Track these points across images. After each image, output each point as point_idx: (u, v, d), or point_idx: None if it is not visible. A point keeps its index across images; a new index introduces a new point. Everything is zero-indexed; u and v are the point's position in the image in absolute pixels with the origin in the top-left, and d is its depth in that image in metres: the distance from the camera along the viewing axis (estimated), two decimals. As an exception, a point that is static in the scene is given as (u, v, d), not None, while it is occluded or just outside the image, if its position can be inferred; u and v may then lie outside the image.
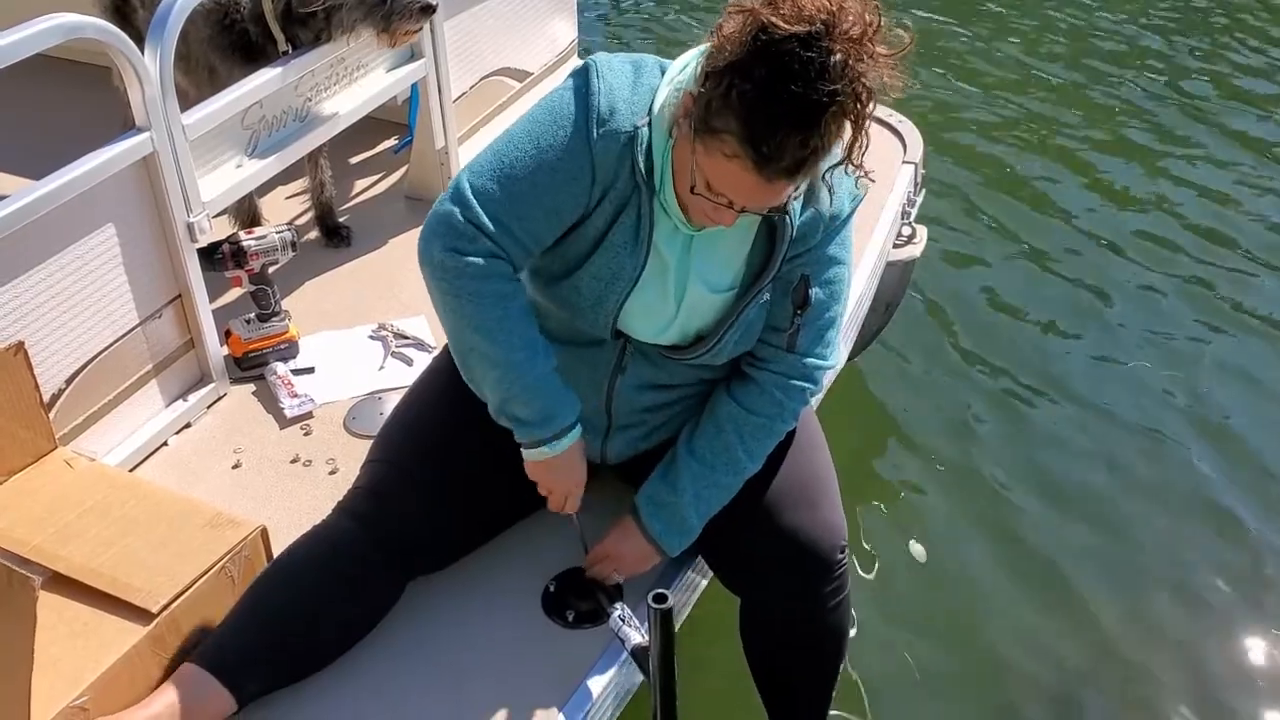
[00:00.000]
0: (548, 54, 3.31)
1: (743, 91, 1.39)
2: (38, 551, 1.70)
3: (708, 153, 1.47)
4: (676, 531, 1.80)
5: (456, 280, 1.60)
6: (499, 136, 1.65)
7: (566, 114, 1.60)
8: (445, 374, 1.92)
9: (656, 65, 1.64)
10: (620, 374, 1.80)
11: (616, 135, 1.59)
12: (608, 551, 1.85)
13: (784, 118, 1.39)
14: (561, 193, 1.61)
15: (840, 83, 1.37)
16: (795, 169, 1.44)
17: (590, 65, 1.61)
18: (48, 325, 1.99)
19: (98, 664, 1.57)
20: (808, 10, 1.37)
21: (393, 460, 1.85)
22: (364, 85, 2.66)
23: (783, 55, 1.37)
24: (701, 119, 1.45)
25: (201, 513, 1.80)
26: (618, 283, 1.68)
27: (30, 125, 3.12)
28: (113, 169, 2.02)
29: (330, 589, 1.74)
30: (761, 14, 1.39)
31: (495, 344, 1.63)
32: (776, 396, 1.77)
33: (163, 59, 2.08)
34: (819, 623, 1.84)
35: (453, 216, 1.60)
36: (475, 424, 1.77)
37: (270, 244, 2.41)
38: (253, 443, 2.26)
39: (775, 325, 1.75)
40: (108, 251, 2.07)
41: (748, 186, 1.48)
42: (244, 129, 2.35)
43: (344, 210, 3.00)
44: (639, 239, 1.65)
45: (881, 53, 1.41)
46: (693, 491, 1.78)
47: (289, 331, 2.46)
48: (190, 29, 2.43)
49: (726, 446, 1.77)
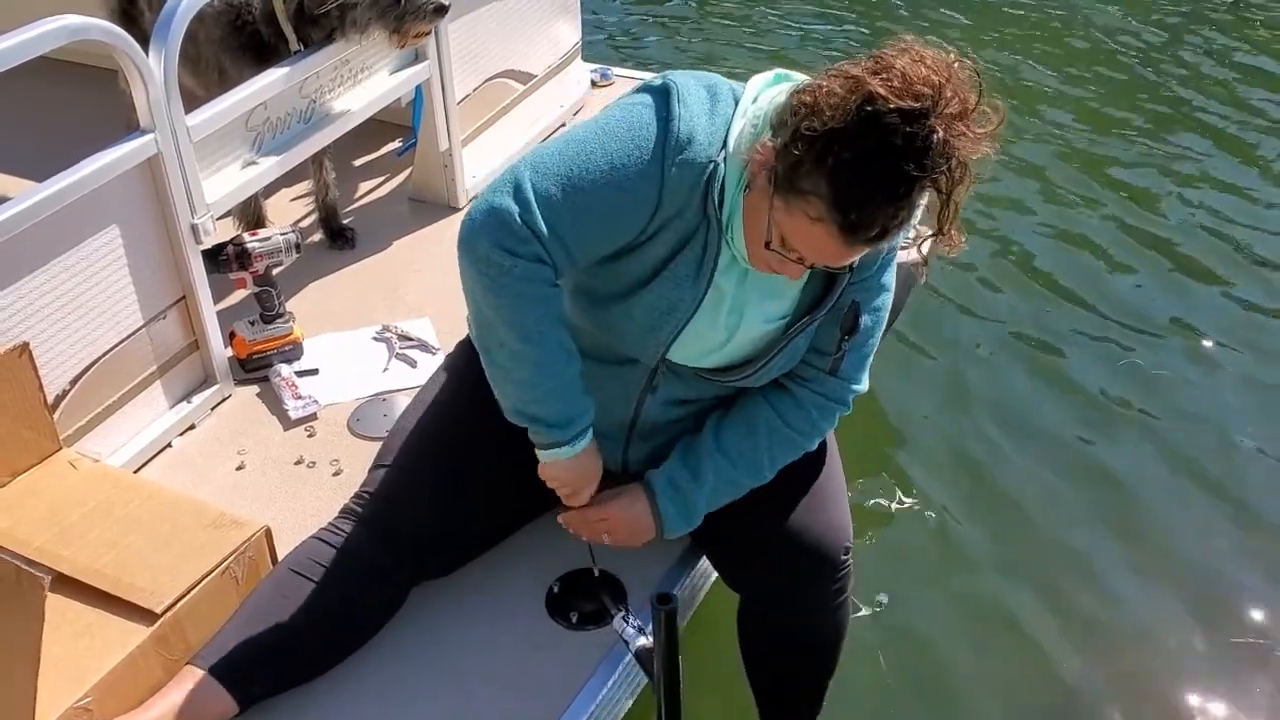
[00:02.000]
0: (551, 56, 3.31)
1: (841, 160, 1.39)
2: (41, 552, 1.70)
3: (789, 211, 1.47)
4: (684, 517, 1.79)
5: (500, 278, 1.56)
6: (565, 138, 1.60)
7: (645, 135, 1.55)
8: (457, 377, 1.92)
9: (729, 92, 1.60)
10: (651, 393, 1.79)
11: (691, 165, 1.55)
12: (607, 514, 1.81)
13: (878, 190, 1.40)
14: (624, 213, 1.58)
15: (938, 160, 1.38)
16: (880, 237, 1.45)
17: (671, 88, 1.57)
18: (52, 326, 1.99)
19: (101, 665, 1.57)
20: (915, 85, 1.37)
21: (404, 464, 1.84)
22: (368, 87, 2.66)
23: (886, 129, 1.36)
24: (787, 178, 1.44)
25: (205, 513, 1.80)
26: (674, 314, 1.66)
27: (35, 127, 3.14)
28: (117, 170, 2.03)
29: (337, 593, 1.74)
30: (869, 84, 1.38)
31: (529, 344, 1.60)
32: (813, 416, 1.78)
33: (167, 61, 2.08)
34: (819, 622, 1.84)
35: (509, 214, 1.53)
36: (490, 427, 1.76)
37: (274, 246, 2.41)
38: (257, 444, 2.26)
39: (821, 349, 1.76)
40: (112, 253, 2.07)
41: (826, 248, 1.49)
42: (248, 130, 2.35)
43: (348, 212, 3.01)
44: (701, 273, 1.63)
45: (979, 132, 1.42)
46: (712, 484, 1.77)
47: (293, 333, 2.46)
48: (200, 30, 2.45)
49: (754, 449, 1.77)
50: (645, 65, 4.71)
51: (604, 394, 1.73)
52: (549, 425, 1.67)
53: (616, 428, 1.82)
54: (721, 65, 5.17)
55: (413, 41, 2.54)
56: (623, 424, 1.83)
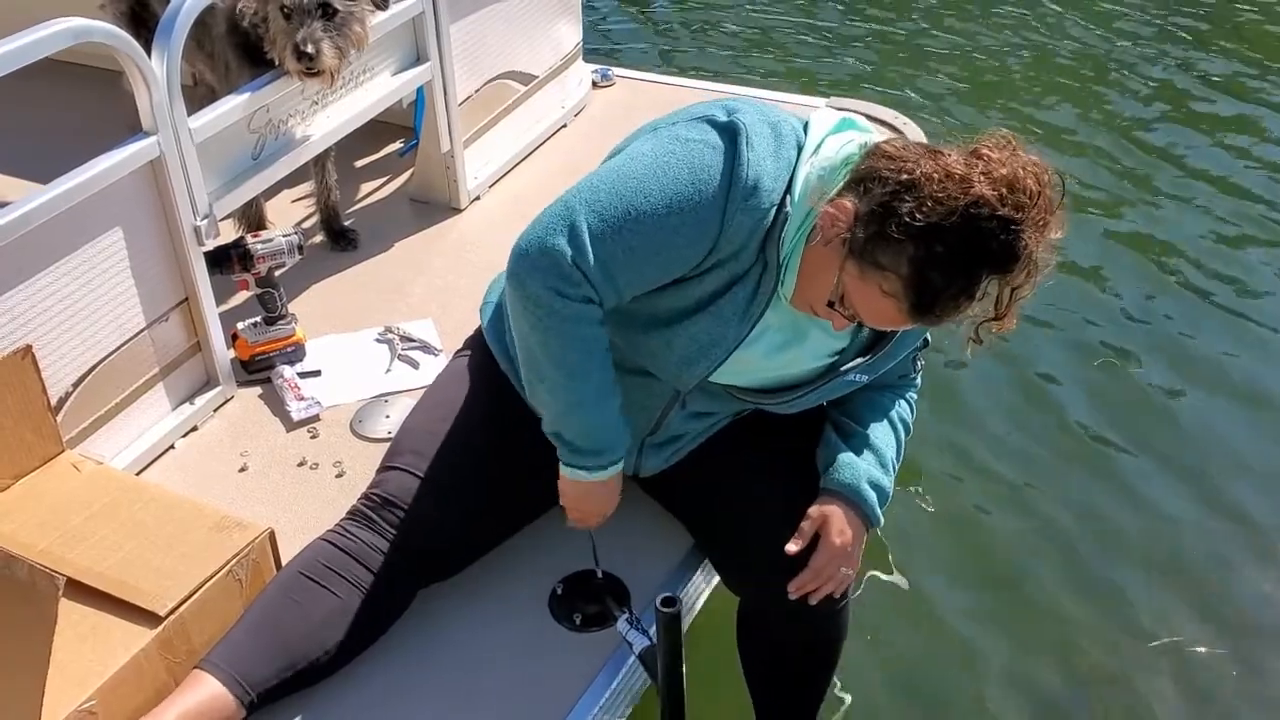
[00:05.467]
0: (553, 57, 3.31)
1: (933, 252, 1.41)
2: (45, 555, 1.69)
3: (862, 279, 1.48)
4: (885, 502, 1.79)
5: (548, 318, 1.55)
6: (621, 172, 1.56)
7: (709, 177, 1.53)
8: (469, 378, 1.92)
9: (793, 132, 1.59)
10: (679, 407, 1.80)
11: (754, 211, 1.53)
12: (833, 551, 1.71)
13: (957, 282, 1.43)
14: (679, 253, 1.57)
15: (1019, 264, 1.42)
16: (943, 318, 1.48)
17: (739, 128, 1.54)
18: (55, 329, 1.99)
19: (105, 667, 1.57)
20: (1018, 194, 1.40)
21: (414, 466, 1.84)
22: (370, 89, 2.66)
23: (984, 234, 1.40)
24: (869, 249, 1.45)
25: (208, 516, 1.80)
26: (716, 349, 1.65)
27: (38, 129, 3.13)
28: (120, 173, 2.03)
29: (345, 596, 1.74)
30: (978, 186, 1.40)
31: (572, 381, 1.61)
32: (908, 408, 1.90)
33: (169, 63, 2.09)
34: (820, 626, 1.84)
35: (562, 257, 1.51)
36: (499, 430, 1.77)
37: (277, 247, 2.41)
38: (259, 446, 2.26)
39: (903, 373, 1.85)
40: (115, 255, 2.07)
41: (889, 318, 1.51)
42: (250, 133, 2.35)
43: (350, 214, 3.01)
44: (749, 314, 1.62)
45: (1055, 239, 1.45)
46: (891, 458, 1.81)
47: (295, 335, 2.46)
48: (212, 23, 2.46)
49: (895, 432, 1.84)
50: (647, 66, 4.70)
51: (629, 401, 1.72)
52: (581, 451, 1.68)
53: (635, 435, 1.82)
54: (717, 63, 5.17)
55: (309, 79, 2.38)
56: (641, 431, 1.83)
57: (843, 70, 5.13)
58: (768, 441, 1.88)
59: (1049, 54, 5.25)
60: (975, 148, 1.46)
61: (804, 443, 1.84)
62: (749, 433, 1.89)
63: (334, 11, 2.33)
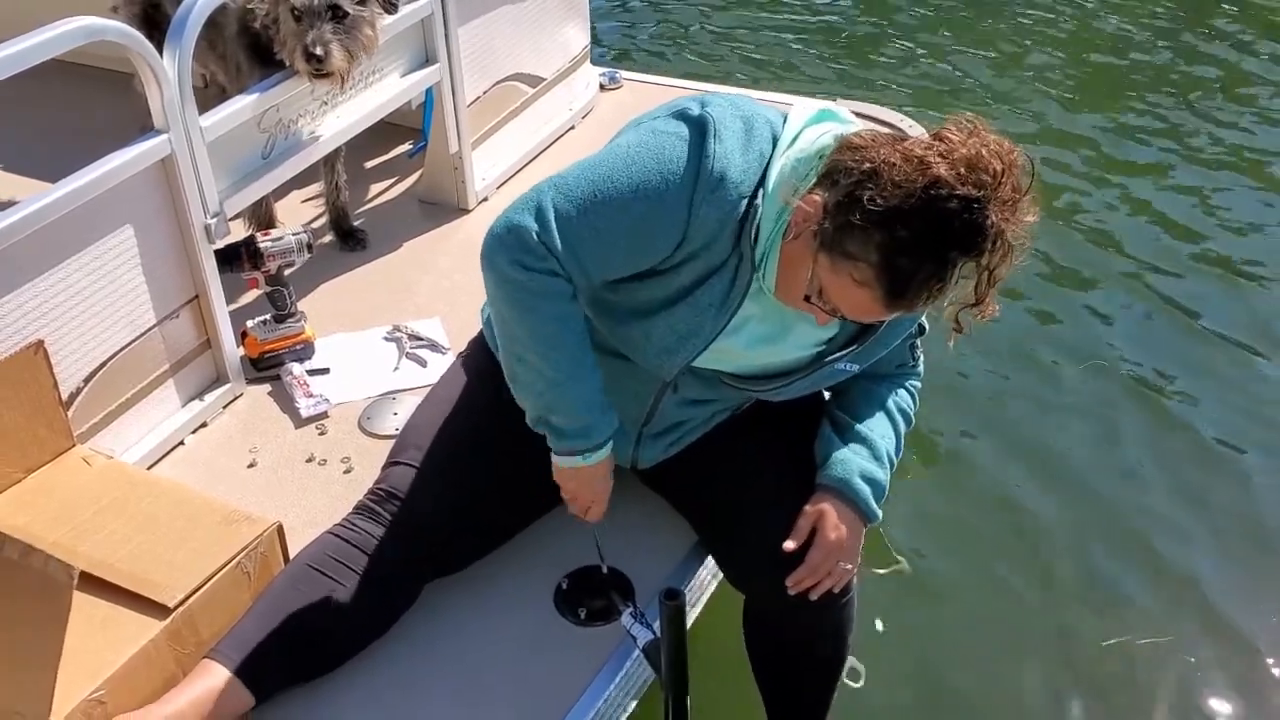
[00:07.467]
0: (561, 59, 3.33)
1: (897, 237, 1.41)
2: (56, 547, 1.70)
3: (834, 270, 1.49)
4: (879, 497, 1.79)
5: (517, 292, 1.58)
6: (592, 160, 1.60)
7: (675, 168, 1.55)
8: (473, 375, 1.94)
9: (767, 125, 1.60)
10: (671, 391, 1.81)
11: (721, 204, 1.55)
12: (829, 547, 1.71)
13: (926, 265, 1.43)
14: (646, 241, 1.59)
15: (988, 243, 1.42)
16: (918, 304, 1.48)
17: (708, 121, 1.56)
18: (67, 324, 2.01)
19: (115, 658, 1.59)
20: (979, 172, 1.40)
21: (420, 461, 1.85)
22: (379, 90, 2.68)
23: (945, 214, 1.39)
24: (837, 240, 1.46)
25: (217, 510, 1.81)
26: (694, 339, 1.67)
27: (50, 128, 3.16)
28: (131, 170, 2.05)
29: (353, 588, 1.75)
30: (936, 168, 1.40)
31: (547, 360, 1.62)
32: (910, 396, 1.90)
33: (181, 62, 2.11)
34: (823, 620, 1.84)
35: (527, 232, 1.55)
36: (505, 425, 1.78)
37: (286, 246, 2.43)
38: (268, 442, 2.28)
39: (900, 362, 1.86)
40: (126, 252, 2.09)
41: (865, 309, 1.51)
42: (260, 132, 2.37)
43: (359, 214, 3.03)
44: (727, 305, 1.64)
45: (1027, 220, 1.45)
46: (886, 450, 1.81)
47: (305, 333, 2.48)
48: (224, 23, 2.48)
49: (894, 424, 1.85)
50: (654, 69, 4.72)
51: (620, 390, 1.74)
52: (567, 435, 1.69)
53: (630, 424, 1.83)
54: (724, 66, 5.18)
55: (319, 81, 2.40)
56: (637, 420, 1.84)
57: (855, 74, 5.14)
58: (768, 436, 1.89)
59: (1064, 46, 5.26)
60: (938, 131, 1.47)
61: (805, 437, 1.85)
62: (750, 427, 1.90)
63: (344, 14, 2.35)
